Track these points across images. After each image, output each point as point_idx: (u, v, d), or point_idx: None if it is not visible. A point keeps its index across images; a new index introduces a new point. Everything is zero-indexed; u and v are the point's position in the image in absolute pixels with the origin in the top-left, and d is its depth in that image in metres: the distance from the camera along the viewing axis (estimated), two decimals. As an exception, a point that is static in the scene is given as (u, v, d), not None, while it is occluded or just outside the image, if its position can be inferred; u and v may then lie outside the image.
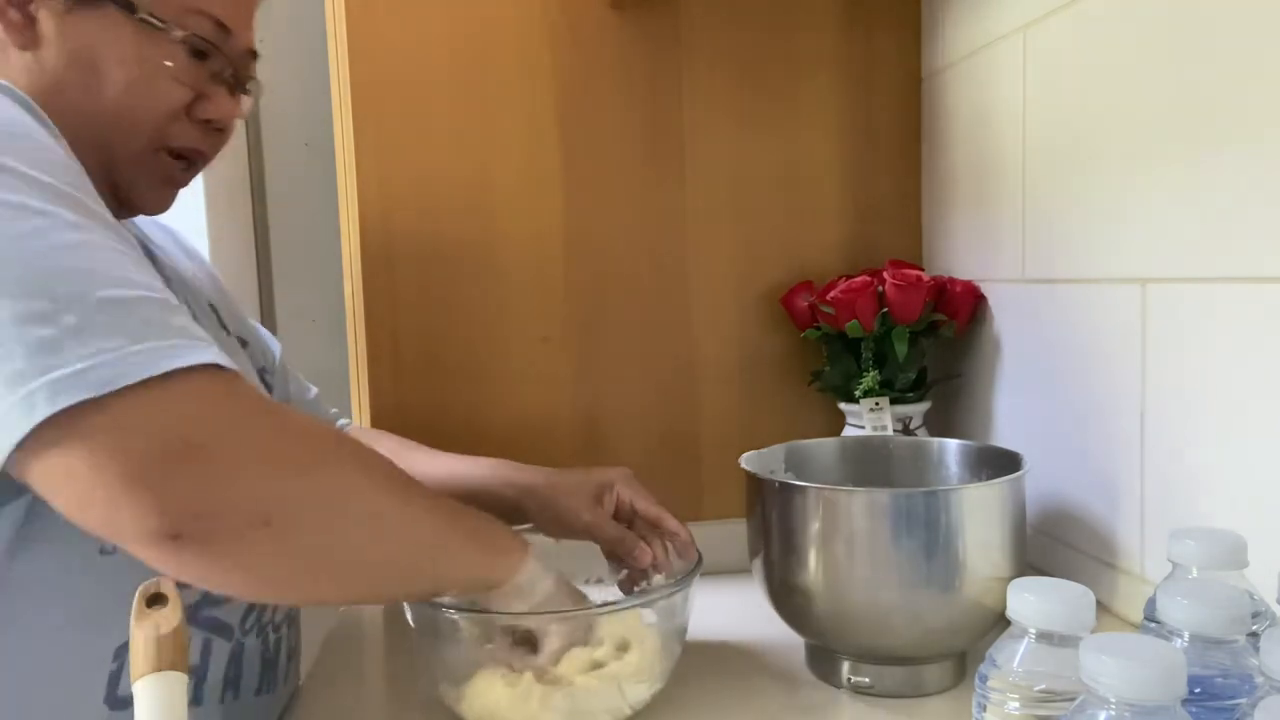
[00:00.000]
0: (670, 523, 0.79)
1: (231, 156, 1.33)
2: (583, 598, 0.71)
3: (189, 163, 0.74)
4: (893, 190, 1.12)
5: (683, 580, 0.72)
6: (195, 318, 0.56)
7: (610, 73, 1.05)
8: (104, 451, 0.47)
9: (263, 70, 0.77)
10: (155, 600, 0.50)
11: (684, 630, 0.74)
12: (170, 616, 0.49)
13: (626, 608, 0.70)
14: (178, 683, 0.47)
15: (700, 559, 0.76)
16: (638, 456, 1.05)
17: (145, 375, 0.48)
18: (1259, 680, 0.47)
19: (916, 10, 1.11)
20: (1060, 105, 0.86)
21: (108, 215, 0.57)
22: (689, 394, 1.09)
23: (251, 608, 0.71)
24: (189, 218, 0.79)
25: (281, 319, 1.50)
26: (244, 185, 1.48)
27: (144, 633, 0.47)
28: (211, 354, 0.52)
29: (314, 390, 0.97)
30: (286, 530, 0.52)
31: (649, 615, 0.72)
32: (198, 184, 1.25)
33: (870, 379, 1.00)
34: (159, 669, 0.47)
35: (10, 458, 0.48)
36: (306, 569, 0.55)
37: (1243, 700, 0.47)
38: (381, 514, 0.58)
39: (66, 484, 0.48)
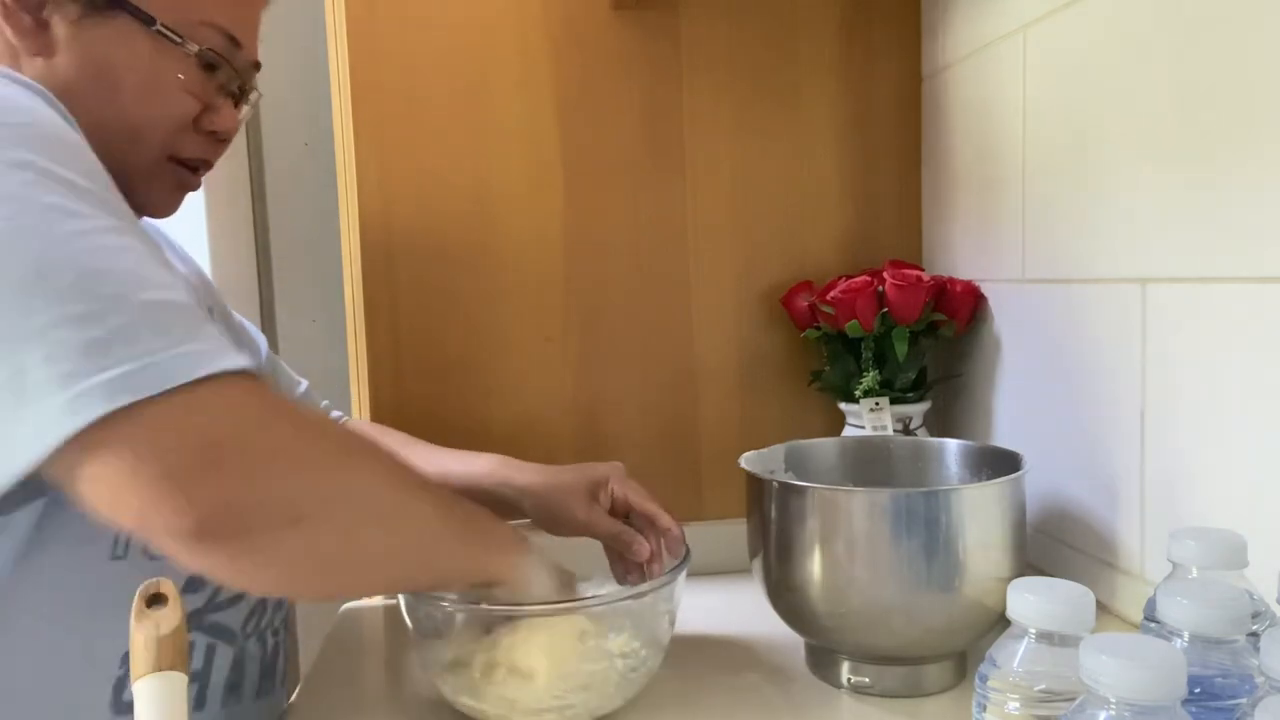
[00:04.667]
0: (663, 519, 0.80)
1: (231, 156, 1.33)
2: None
3: (194, 169, 0.74)
4: (893, 190, 1.12)
5: (669, 574, 0.71)
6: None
7: (610, 73, 1.05)
8: (141, 453, 0.48)
9: (263, 70, 0.77)
10: (155, 600, 0.50)
11: (665, 636, 0.72)
12: (170, 617, 0.49)
13: (613, 601, 0.70)
14: (178, 683, 0.47)
15: (687, 555, 0.75)
16: (638, 456, 1.05)
17: (184, 380, 0.49)
18: (1259, 680, 0.47)
19: (916, 10, 1.11)
20: (1060, 105, 0.86)
21: (134, 218, 0.58)
22: (689, 394, 1.09)
23: (252, 612, 0.71)
24: (189, 218, 0.79)
25: (281, 319, 1.50)
26: (244, 185, 1.48)
27: (144, 633, 0.48)
28: (242, 360, 0.53)
29: (304, 384, 0.97)
30: (314, 528, 0.53)
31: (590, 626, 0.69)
32: (197, 184, 1.25)
33: (870, 379, 1.00)
34: (159, 669, 0.47)
35: (46, 457, 0.48)
36: (330, 565, 0.56)
37: (1243, 700, 0.47)
38: (395, 510, 0.59)
39: (101, 483, 0.49)
